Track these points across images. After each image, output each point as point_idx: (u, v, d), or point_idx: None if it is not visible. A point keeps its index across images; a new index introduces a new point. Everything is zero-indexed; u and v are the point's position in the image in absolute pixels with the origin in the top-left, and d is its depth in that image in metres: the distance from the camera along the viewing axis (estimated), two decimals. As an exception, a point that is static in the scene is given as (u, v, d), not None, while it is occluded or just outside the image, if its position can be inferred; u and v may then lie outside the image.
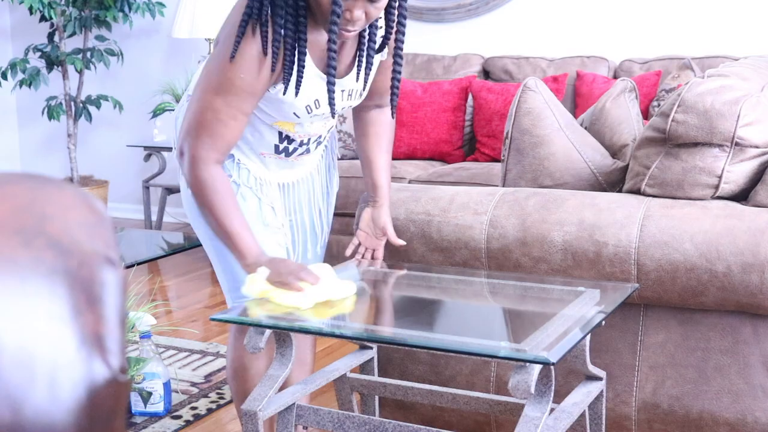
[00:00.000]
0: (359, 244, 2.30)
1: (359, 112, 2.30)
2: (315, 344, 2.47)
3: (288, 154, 2.19)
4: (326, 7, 1.90)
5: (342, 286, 1.97)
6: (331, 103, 1.98)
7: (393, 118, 2.15)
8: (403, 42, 2.05)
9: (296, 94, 2.01)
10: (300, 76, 1.98)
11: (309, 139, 2.19)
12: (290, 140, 2.17)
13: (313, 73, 2.04)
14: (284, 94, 2.03)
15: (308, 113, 2.09)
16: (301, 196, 2.29)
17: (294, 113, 2.08)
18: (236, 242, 1.99)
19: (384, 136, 2.31)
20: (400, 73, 2.09)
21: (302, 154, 2.21)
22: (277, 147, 2.17)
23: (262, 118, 2.12)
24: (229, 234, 2.00)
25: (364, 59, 2.07)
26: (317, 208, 2.33)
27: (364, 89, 2.15)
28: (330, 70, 1.94)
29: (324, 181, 2.36)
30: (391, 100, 2.13)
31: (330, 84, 1.96)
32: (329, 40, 1.91)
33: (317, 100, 2.08)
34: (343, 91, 2.11)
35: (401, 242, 2.27)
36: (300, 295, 1.90)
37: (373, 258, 2.29)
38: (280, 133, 2.15)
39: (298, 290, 1.90)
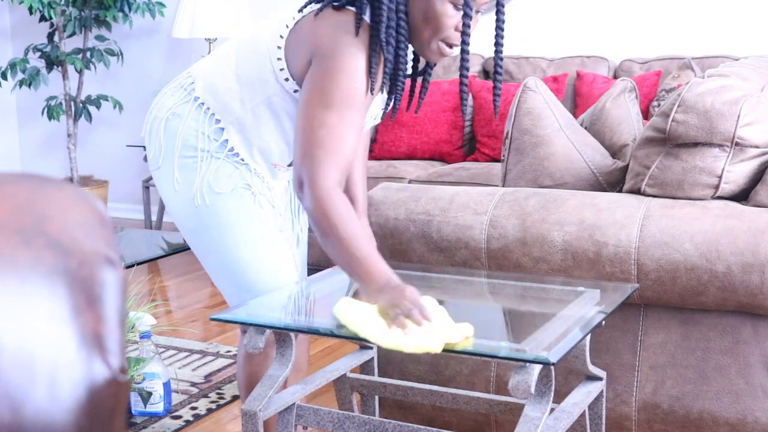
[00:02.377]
0: None
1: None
2: (309, 349, 2.45)
3: (291, 164, 2.16)
4: (445, 21, 1.89)
5: (460, 327, 1.75)
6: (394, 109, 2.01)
7: (496, 117, 2.10)
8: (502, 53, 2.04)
9: (382, 117, 2.00)
10: (398, 99, 1.96)
11: None
12: None
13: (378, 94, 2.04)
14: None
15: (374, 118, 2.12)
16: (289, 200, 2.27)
17: None
18: (367, 266, 1.82)
19: (360, 150, 2.27)
20: (499, 88, 2.06)
21: None
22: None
23: (289, 130, 2.08)
24: (359, 259, 1.82)
25: (400, 83, 2.00)
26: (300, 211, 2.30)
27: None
28: (462, 91, 1.96)
29: None
30: (494, 101, 2.06)
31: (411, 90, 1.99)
32: (462, 59, 1.93)
33: (373, 116, 2.11)
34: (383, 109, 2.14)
35: None
36: (427, 336, 1.70)
37: None
38: None
39: (402, 327, 1.72)
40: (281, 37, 1.99)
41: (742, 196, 2.21)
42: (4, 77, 5.51)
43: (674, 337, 2.16)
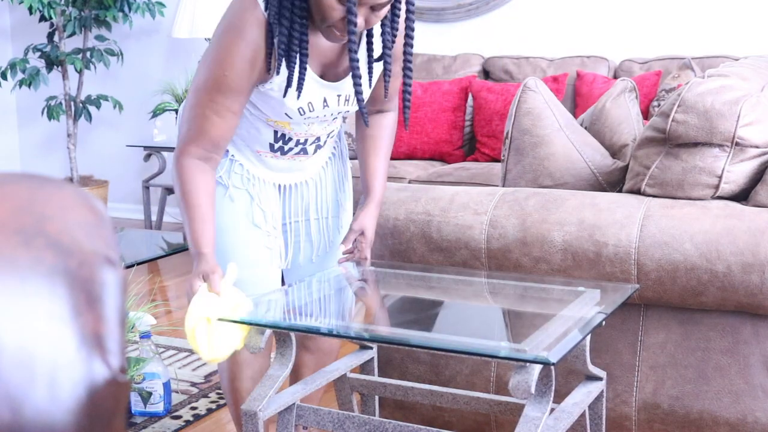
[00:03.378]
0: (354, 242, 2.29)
1: (360, 116, 2.30)
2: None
3: (283, 152, 2.18)
4: (330, 12, 1.90)
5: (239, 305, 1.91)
6: (360, 102, 1.99)
7: (406, 129, 2.13)
8: (411, 54, 2.04)
9: (298, 96, 2.01)
10: (302, 79, 1.98)
11: (306, 140, 2.18)
12: (286, 140, 2.16)
13: (309, 77, 2.04)
14: (284, 96, 2.03)
15: (301, 115, 2.08)
16: (302, 201, 2.27)
17: (286, 113, 2.08)
18: (193, 233, 2.01)
19: (381, 140, 2.29)
20: (410, 85, 2.06)
21: (298, 153, 2.20)
22: (272, 146, 2.16)
23: (257, 115, 2.12)
24: (188, 220, 2.02)
25: (360, 66, 2.03)
26: (324, 217, 2.31)
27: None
28: (356, 81, 1.96)
29: (334, 189, 2.33)
30: (404, 111, 2.08)
31: (357, 87, 1.96)
32: (350, 49, 1.90)
33: (311, 103, 2.07)
34: (339, 95, 2.10)
35: (364, 256, 2.22)
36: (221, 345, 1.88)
37: (359, 258, 2.25)
38: (276, 132, 2.14)
39: (190, 288, 1.93)
40: None
41: (742, 196, 2.21)
42: (4, 77, 5.51)
43: (674, 337, 2.16)
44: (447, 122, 4.67)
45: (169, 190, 5.42)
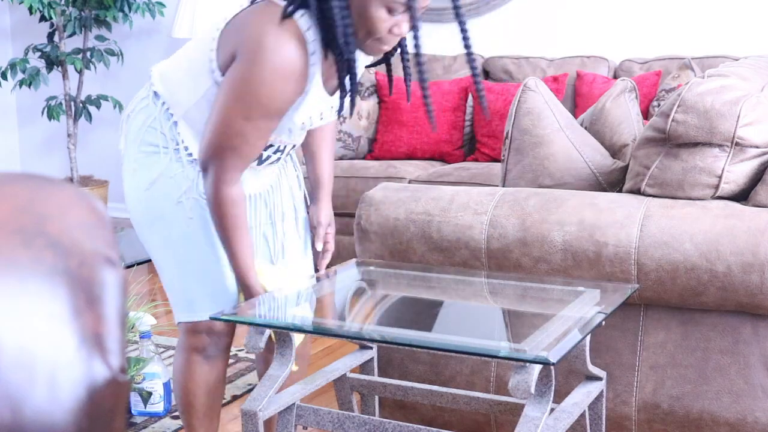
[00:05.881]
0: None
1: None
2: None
3: (260, 162, 2.14)
4: (379, 24, 1.87)
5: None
6: (351, 109, 1.99)
7: (434, 130, 2.07)
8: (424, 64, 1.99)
9: (339, 112, 2.02)
10: (354, 93, 1.98)
11: (285, 147, 2.15)
12: (266, 147, 2.11)
13: (319, 92, 2.01)
14: (296, 110, 2.00)
15: (301, 129, 2.07)
16: (266, 208, 2.23)
17: (289, 128, 2.05)
18: (239, 261, 2.02)
19: (325, 133, 2.30)
20: (426, 88, 1.98)
21: (273, 162, 2.17)
22: (259, 156, 2.12)
23: None
24: (235, 251, 2.01)
25: (348, 82, 1.99)
26: (283, 221, 2.28)
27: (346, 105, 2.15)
28: (354, 89, 1.97)
29: (290, 192, 2.31)
30: (428, 115, 1.99)
31: (350, 95, 1.98)
32: (385, 55, 1.96)
33: (311, 117, 2.05)
34: (332, 107, 2.10)
35: (319, 247, 2.28)
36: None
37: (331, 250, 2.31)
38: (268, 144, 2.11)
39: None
40: (218, 29, 1.99)
41: (742, 196, 2.21)
42: (4, 77, 5.51)
43: (674, 337, 2.16)
44: (447, 122, 4.67)
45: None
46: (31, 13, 5.40)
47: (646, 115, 4.24)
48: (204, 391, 2.21)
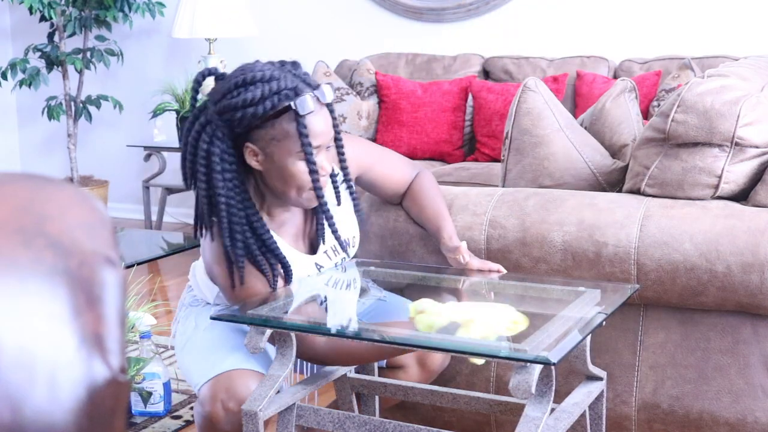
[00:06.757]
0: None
1: (396, 195, 2.31)
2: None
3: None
4: (302, 177, 1.93)
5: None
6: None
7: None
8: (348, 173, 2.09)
9: (288, 281, 2.05)
10: (289, 272, 2.02)
11: (344, 259, 2.22)
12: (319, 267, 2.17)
13: (295, 257, 2.06)
14: (287, 283, 2.05)
15: (319, 271, 2.13)
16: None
17: (308, 275, 2.12)
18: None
19: (426, 191, 2.27)
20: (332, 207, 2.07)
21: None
22: None
23: None
24: (381, 352, 2.02)
25: (325, 216, 2.03)
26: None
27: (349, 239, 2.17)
28: (330, 223, 2.02)
29: None
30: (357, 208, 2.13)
31: (337, 238, 2.05)
32: (321, 205, 1.98)
33: (316, 262, 2.11)
34: (326, 251, 2.13)
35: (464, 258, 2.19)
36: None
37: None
38: None
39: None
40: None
41: (742, 196, 2.21)
42: (4, 77, 5.51)
43: (674, 337, 2.16)
44: (447, 122, 4.67)
45: (169, 190, 5.42)
46: (31, 13, 5.40)
47: (646, 115, 4.24)
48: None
